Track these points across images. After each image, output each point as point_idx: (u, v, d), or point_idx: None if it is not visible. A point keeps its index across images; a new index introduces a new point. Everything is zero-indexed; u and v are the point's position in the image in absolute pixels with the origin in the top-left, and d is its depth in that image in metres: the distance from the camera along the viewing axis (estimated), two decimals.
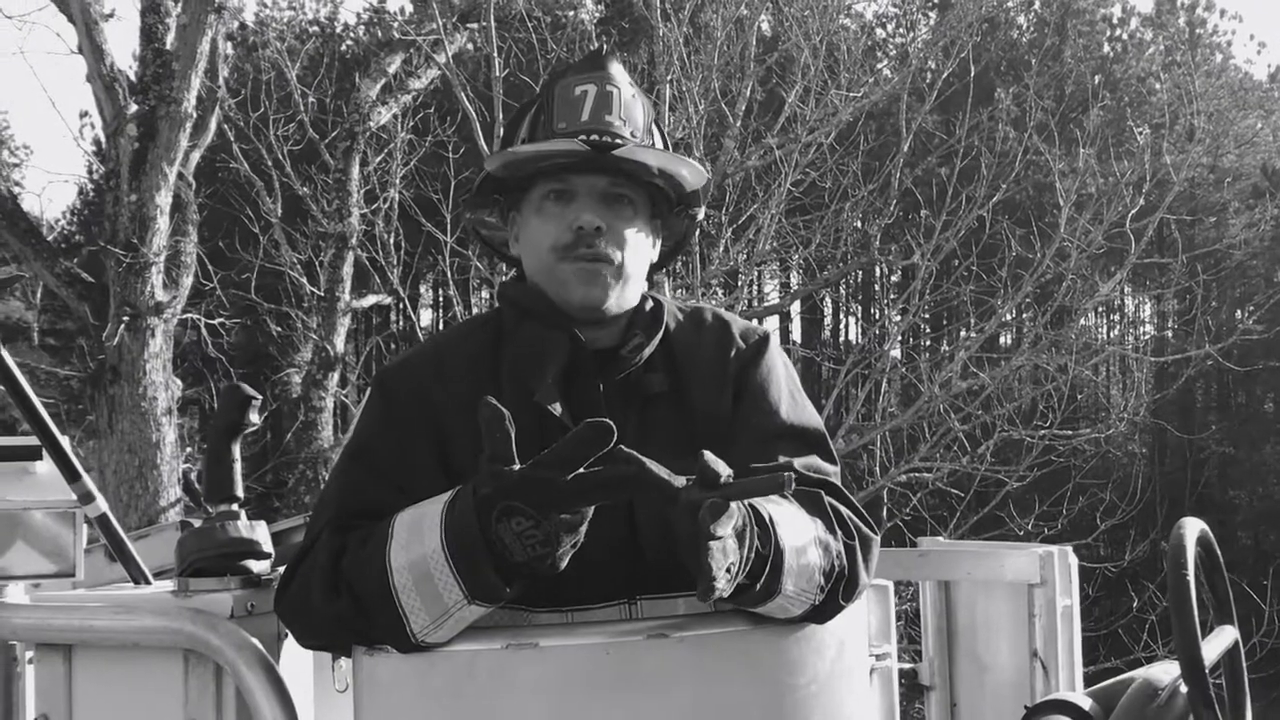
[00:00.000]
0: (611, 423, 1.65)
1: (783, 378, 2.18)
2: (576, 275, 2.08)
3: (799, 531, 1.86)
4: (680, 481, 1.68)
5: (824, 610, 1.90)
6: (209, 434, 2.45)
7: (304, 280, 13.86)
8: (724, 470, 1.68)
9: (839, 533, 1.94)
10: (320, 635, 2.00)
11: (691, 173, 2.17)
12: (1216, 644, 2.85)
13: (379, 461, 2.04)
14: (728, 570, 1.66)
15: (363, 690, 1.90)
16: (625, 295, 2.13)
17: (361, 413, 2.18)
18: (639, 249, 2.15)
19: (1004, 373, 14.68)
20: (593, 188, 2.11)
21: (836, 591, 1.90)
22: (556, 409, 2.02)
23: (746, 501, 1.76)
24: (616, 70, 2.16)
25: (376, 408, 2.12)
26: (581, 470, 1.67)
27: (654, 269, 2.28)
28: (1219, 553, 2.92)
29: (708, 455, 1.69)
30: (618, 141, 2.07)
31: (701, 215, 2.34)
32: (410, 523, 1.83)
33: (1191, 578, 2.64)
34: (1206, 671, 2.63)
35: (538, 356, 2.08)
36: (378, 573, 1.82)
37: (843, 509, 2.00)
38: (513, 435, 1.69)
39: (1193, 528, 2.78)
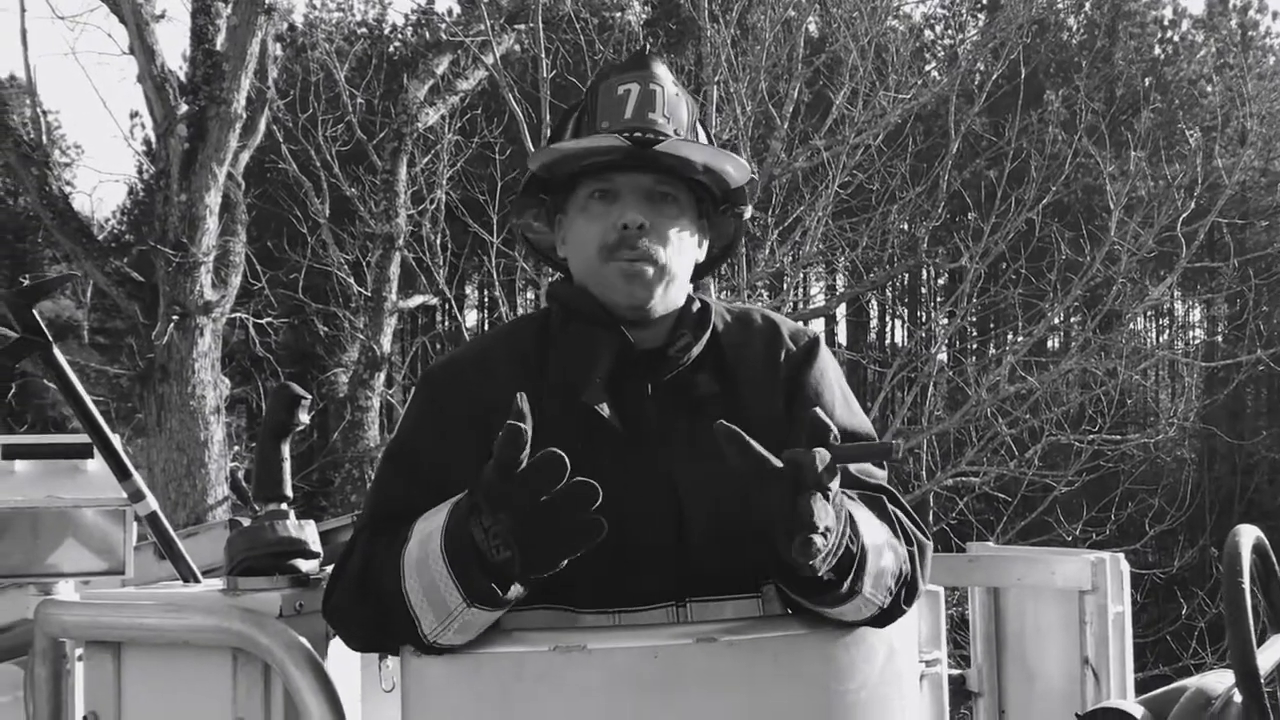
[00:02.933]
0: (564, 456, 1.64)
1: (835, 381, 2.16)
2: (620, 275, 2.06)
3: (875, 533, 1.85)
4: (778, 462, 1.67)
5: (889, 614, 1.89)
6: (258, 433, 2.46)
7: (351, 280, 13.94)
8: (833, 427, 1.68)
9: (901, 539, 1.93)
10: (356, 639, 2.03)
11: (736, 168, 2.14)
12: (1271, 653, 2.81)
13: (419, 461, 2.04)
14: (824, 534, 1.65)
15: (410, 691, 1.90)
16: (670, 295, 2.11)
17: (407, 410, 2.18)
18: (684, 248, 2.13)
19: (1052, 377, 14.56)
20: (637, 186, 2.09)
21: (900, 596, 1.90)
22: (605, 410, 2.01)
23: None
24: (660, 69, 2.15)
25: (421, 405, 2.12)
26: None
27: (702, 271, 2.27)
28: (1275, 560, 2.88)
29: (817, 411, 1.71)
30: (661, 137, 2.06)
31: (748, 214, 2.32)
32: (424, 525, 1.83)
33: (1247, 585, 2.60)
34: (1261, 680, 2.60)
35: (585, 356, 2.07)
36: (394, 575, 1.83)
37: (900, 515, 1.99)
38: (525, 435, 1.66)
39: (1248, 535, 2.74)
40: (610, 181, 2.10)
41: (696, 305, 2.17)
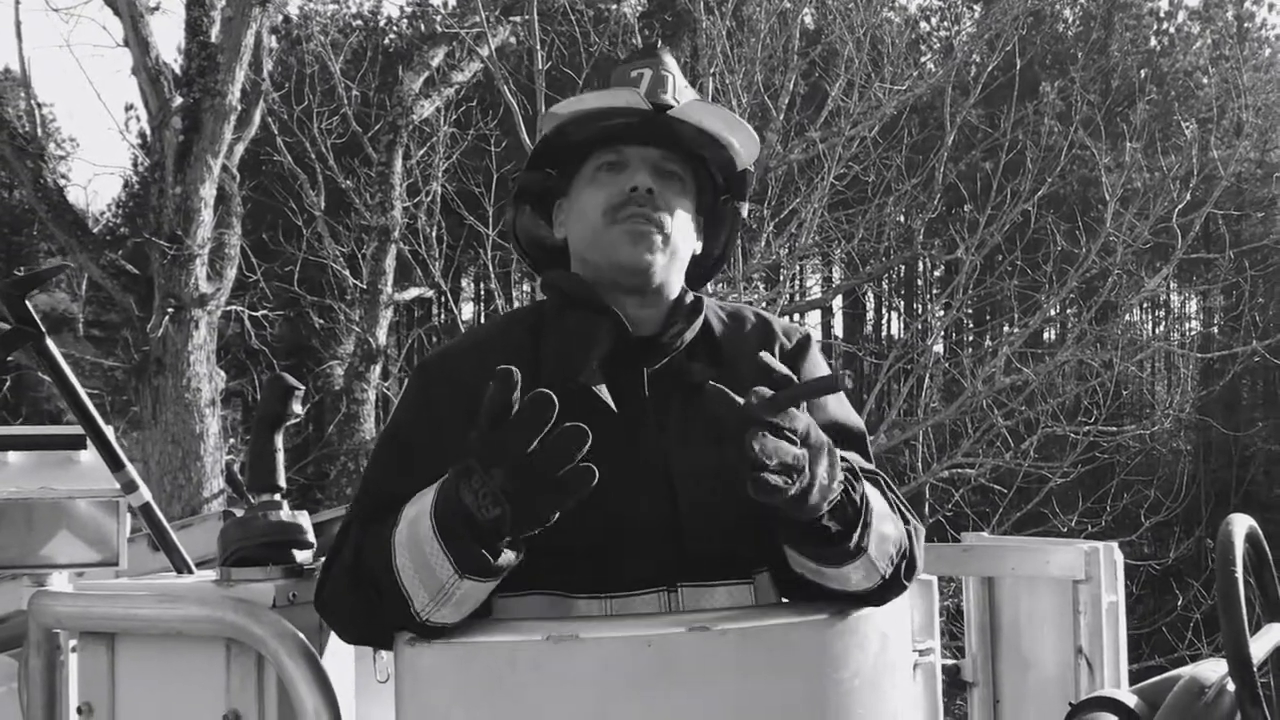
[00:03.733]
0: (552, 394, 1.63)
1: None
2: (625, 235, 2.07)
3: (877, 498, 1.88)
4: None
5: (889, 587, 1.90)
6: (252, 424, 2.46)
7: (346, 273, 13.94)
8: (782, 368, 1.70)
9: (898, 514, 1.95)
10: (349, 630, 2.03)
11: (744, 145, 2.18)
12: (1265, 641, 2.81)
13: (412, 452, 2.04)
14: (788, 477, 1.64)
15: (404, 681, 1.90)
16: (670, 270, 2.13)
17: (400, 401, 2.18)
18: (686, 227, 2.15)
19: (1048, 368, 14.59)
20: (645, 159, 2.12)
21: (901, 569, 1.91)
22: (603, 392, 2.01)
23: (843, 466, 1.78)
24: (670, 60, 2.19)
25: (414, 397, 2.13)
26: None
27: (699, 276, 2.28)
28: (1268, 550, 2.88)
29: (766, 355, 1.73)
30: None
31: (745, 210, 2.33)
32: (413, 507, 1.83)
33: (1240, 574, 2.60)
34: (1255, 669, 2.60)
35: (581, 342, 2.07)
36: (385, 557, 1.82)
37: (893, 497, 2.00)
38: (516, 378, 1.66)
39: (1241, 524, 2.74)
40: (619, 153, 2.13)
41: (690, 297, 2.19)
